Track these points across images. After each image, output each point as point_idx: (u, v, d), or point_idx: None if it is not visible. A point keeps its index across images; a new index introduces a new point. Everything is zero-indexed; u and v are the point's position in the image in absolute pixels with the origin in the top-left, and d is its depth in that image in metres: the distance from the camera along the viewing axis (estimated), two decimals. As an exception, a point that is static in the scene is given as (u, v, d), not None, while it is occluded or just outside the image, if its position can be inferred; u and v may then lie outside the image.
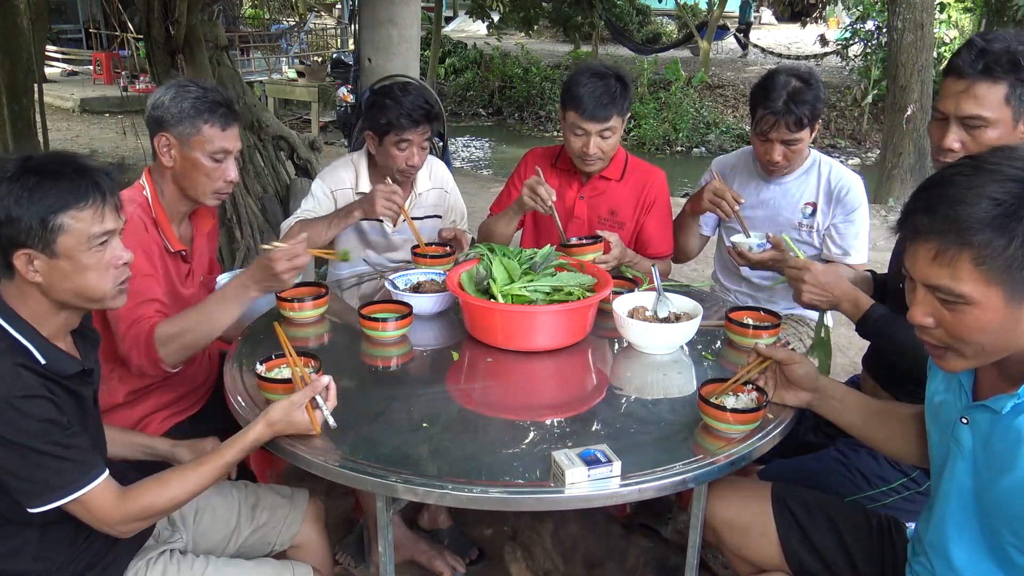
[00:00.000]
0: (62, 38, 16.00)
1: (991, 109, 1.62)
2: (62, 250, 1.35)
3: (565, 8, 13.79)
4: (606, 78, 2.38)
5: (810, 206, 2.48)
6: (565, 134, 2.48)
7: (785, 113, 2.27)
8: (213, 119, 1.91)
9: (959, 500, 1.28)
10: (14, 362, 1.32)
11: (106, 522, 1.39)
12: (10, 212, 1.31)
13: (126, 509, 1.39)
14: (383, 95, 2.50)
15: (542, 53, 16.94)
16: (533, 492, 1.39)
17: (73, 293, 1.39)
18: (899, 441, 1.55)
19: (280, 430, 1.50)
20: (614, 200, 2.57)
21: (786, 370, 1.61)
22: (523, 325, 1.90)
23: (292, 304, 2.07)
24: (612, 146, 2.46)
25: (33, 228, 1.32)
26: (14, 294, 1.39)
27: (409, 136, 2.47)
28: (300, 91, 11.36)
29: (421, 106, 2.46)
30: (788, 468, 1.94)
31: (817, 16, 19.91)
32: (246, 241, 4.57)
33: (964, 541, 1.29)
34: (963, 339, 1.15)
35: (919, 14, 7.00)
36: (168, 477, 1.45)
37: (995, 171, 1.10)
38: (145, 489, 1.42)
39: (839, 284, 1.85)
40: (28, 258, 1.34)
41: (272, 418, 1.49)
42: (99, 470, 1.38)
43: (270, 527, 1.78)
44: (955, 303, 1.13)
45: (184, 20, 4.24)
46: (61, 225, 1.33)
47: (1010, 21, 10.19)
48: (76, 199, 1.35)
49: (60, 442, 1.33)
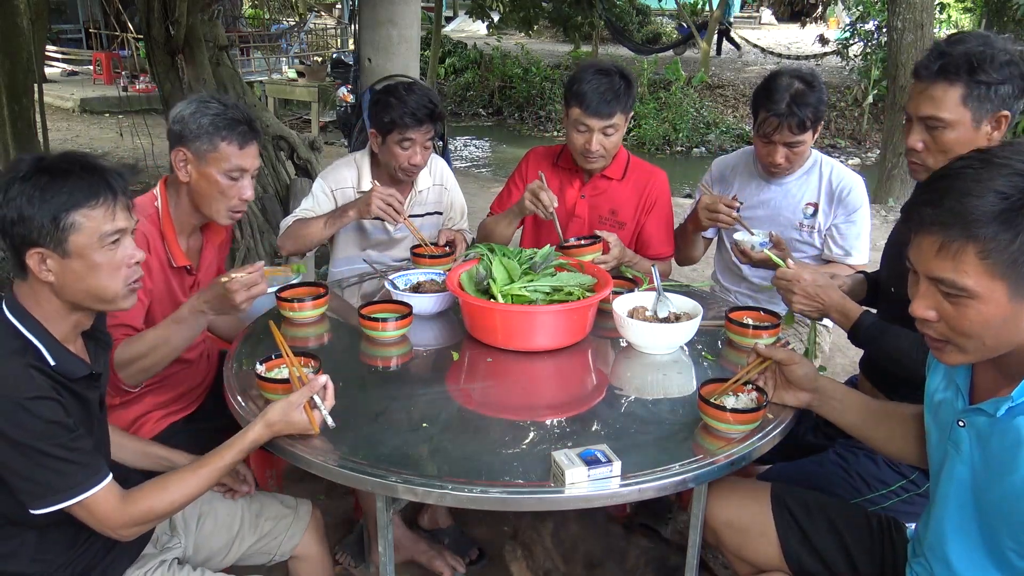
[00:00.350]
0: (62, 38, 15.99)
1: (948, 110, 1.65)
2: (74, 249, 1.35)
3: (565, 8, 13.79)
4: (611, 75, 2.39)
5: (811, 206, 2.48)
6: (568, 131, 2.48)
7: (788, 116, 2.27)
8: (231, 136, 1.90)
9: (957, 502, 1.28)
10: (26, 363, 1.33)
11: (108, 526, 1.39)
12: (22, 211, 1.32)
13: (128, 513, 1.39)
14: (388, 94, 2.51)
15: (542, 53, 16.93)
16: (533, 492, 1.39)
17: (85, 293, 1.39)
18: (899, 441, 1.55)
19: (279, 431, 1.50)
20: (615, 200, 2.57)
21: (786, 370, 1.61)
22: (523, 325, 1.90)
23: (292, 304, 2.07)
24: (615, 144, 2.46)
25: (45, 227, 1.33)
26: (27, 294, 1.40)
27: (412, 135, 2.47)
28: (300, 91, 11.35)
29: (425, 105, 2.46)
30: (788, 471, 1.94)
31: (817, 16, 19.91)
32: (246, 241, 4.57)
33: (962, 543, 1.28)
34: (965, 333, 1.14)
35: (919, 14, 7.00)
36: (167, 481, 1.45)
37: (1004, 165, 1.09)
38: (146, 493, 1.42)
39: (828, 293, 1.86)
40: (41, 257, 1.34)
41: (270, 419, 1.49)
42: (103, 474, 1.38)
43: (272, 537, 1.78)
44: (958, 296, 1.12)
45: (184, 20, 4.24)
46: (73, 223, 1.34)
47: (1010, 21, 10.20)
48: (87, 197, 1.35)
49: (66, 444, 1.33)
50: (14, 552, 1.42)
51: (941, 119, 1.66)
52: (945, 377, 1.36)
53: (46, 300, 1.39)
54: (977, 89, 1.62)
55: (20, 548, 1.42)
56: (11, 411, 1.28)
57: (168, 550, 1.66)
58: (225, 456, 1.49)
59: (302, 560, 1.82)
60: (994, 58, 1.61)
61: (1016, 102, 1.64)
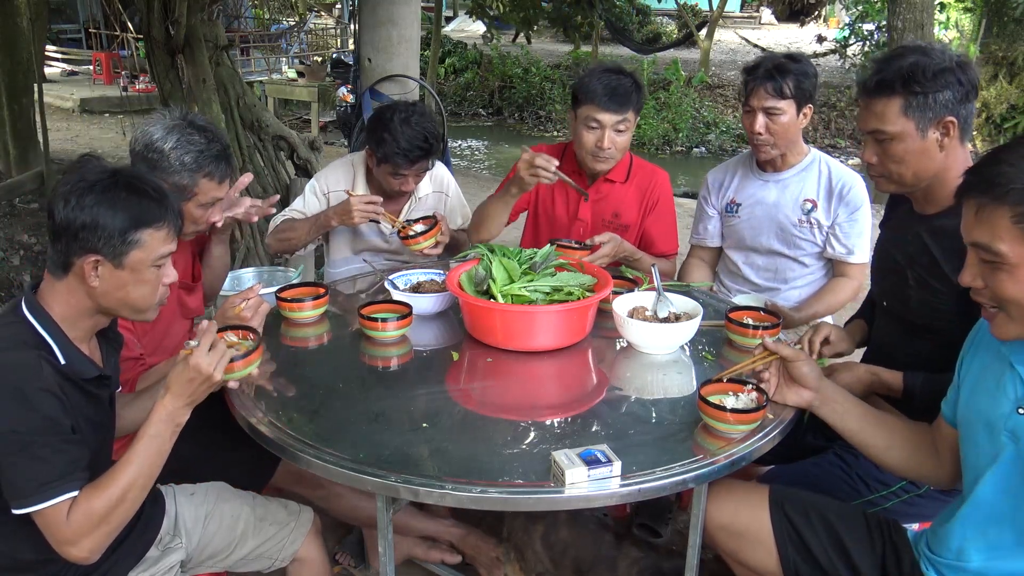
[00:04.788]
0: (62, 38, 15.97)
1: (891, 123, 1.69)
2: (129, 262, 1.42)
3: (565, 8, 13.78)
4: (621, 74, 2.41)
5: (810, 202, 2.48)
6: (577, 131, 2.46)
7: (765, 79, 2.32)
8: (215, 173, 1.90)
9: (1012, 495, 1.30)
10: (39, 355, 1.37)
11: (57, 539, 1.35)
12: (97, 219, 1.38)
13: (70, 523, 1.34)
14: (383, 125, 2.44)
15: (542, 53, 16.93)
16: (533, 492, 1.39)
17: (122, 302, 1.46)
18: (897, 452, 1.55)
19: (181, 392, 1.43)
20: (618, 202, 2.57)
21: (791, 367, 1.61)
22: (523, 325, 1.90)
23: (292, 304, 2.07)
24: (625, 143, 2.45)
25: (113, 237, 1.39)
26: (57, 291, 1.43)
27: (404, 171, 2.47)
28: (300, 91, 11.34)
29: (419, 146, 2.42)
30: (788, 473, 1.94)
31: (816, 16, 19.90)
32: (246, 241, 4.57)
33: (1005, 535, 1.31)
34: (1007, 299, 1.21)
35: (919, 14, 6.99)
36: (99, 480, 1.39)
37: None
38: (83, 497, 1.36)
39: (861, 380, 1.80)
40: (95, 264, 1.40)
41: (169, 384, 1.44)
42: (74, 486, 1.34)
43: (274, 542, 1.78)
44: (995, 263, 1.20)
45: (184, 20, 4.24)
46: (139, 240, 1.42)
47: (1010, 21, 10.19)
48: (155, 218, 1.44)
49: (53, 445, 1.33)
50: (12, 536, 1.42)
51: (886, 132, 1.70)
52: (991, 372, 1.36)
53: (77, 300, 1.44)
54: (915, 99, 1.66)
55: (15, 532, 1.40)
56: (12, 397, 1.31)
57: (171, 551, 1.66)
58: (142, 436, 1.42)
59: (303, 565, 1.83)
60: (928, 67, 1.64)
61: (961, 107, 1.66)
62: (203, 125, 1.93)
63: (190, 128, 1.89)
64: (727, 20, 18.55)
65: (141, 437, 1.42)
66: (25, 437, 1.31)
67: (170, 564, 1.65)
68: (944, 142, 1.68)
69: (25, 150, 6.48)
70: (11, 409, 1.31)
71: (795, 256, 2.54)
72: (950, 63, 1.66)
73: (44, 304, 1.44)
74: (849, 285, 2.52)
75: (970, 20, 11.05)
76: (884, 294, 1.94)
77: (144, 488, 1.43)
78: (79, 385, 1.42)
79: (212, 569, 1.77)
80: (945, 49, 1.71)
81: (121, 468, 1.39)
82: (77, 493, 1.35)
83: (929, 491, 1.77)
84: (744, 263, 2.64)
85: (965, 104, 1.67)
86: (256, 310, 1.85)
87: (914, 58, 1.66)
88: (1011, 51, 10.32)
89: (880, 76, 1.69)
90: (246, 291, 1.87)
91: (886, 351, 1.91)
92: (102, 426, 1.53)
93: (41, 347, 1.39)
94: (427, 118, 2.50)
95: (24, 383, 1.32)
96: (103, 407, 1.52)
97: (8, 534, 1.41)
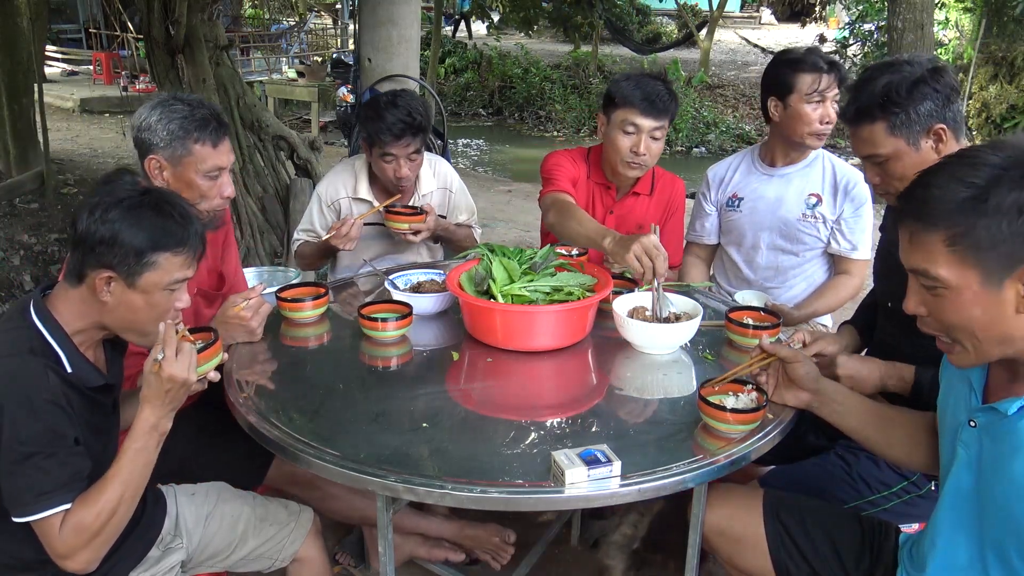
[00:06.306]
0: (62, 38, 15.96)
1: (881, 146, 1.69)
2: (142, 284, 1.40)
3: (565, 8, 13.78)
4: (659, 81, 2.37)
5: (814, 197, 2.50)
6: (611, 136, 2.40)
7: (830, 69, 2.35)
8: (204, 137, 1.87)
9: (956, 504, 1.28)
10: (45, 364, 1.36)
11: (52, 551, 1.35)
12: (118, 234, 1.36)
13: (63, 536, 1.34)
14: (370, 106, 2.52)
15: (542, 53, 16.93)
16: (533, 492, 1.39)
17: (127, 323, 1.44)
18: (900, 446, 1.55)
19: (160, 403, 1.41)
20: (643, 215, 2.57)
21: (789, 368, 1.61)
22: (523, 325, 1.90)
23: (292, 304, 2.07)
24: (658, 151, 2.42)
25: (129, 255, 1.37)
26: (67, 299, 1.42)
27: (392, 150, 2.49)
28: (300, 91, 11.34)
29: (402, 119, 2.44)
30: (789, 473, 1.94)
31: (816, 16, 19.90)
32: (246, 241, 4.57)
33: (962, 547, 1.28)
34: (951, 325, 1.18)
35: (919, 14, 6.99)
36: (88, 493, 1.38)
37: (973, 157, 1.13)
38: (74, 511, 1.35)
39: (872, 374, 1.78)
40: (107, 280, 1.38)
41: (146, 398, 1.42)
42: (68, 497, 1.34)
43: (275, 542, 1.78)
44: (935, 288, 1.16)
45: (184, 20, 4.24)
46: (154, 262, 1.39)
47: (1010, 21, 10.18)
48: (176, 243, 1.41)
49: (57, 457, 1.33)
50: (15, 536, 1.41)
51: (879, 155, 1.71)
52: (959, 380, 1.35)
53: (88, 310, 1.42)
54: (897, 118, 1.66)
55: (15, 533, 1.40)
56: (19, 406, 1.30)
57: (171, 551, 1.66)
58: (127, 449, 1.41)
59: (303, 565, 1.83)
60: (900, 85, 1.64)
61: (945, 111, 1.66)
62: (188, 98, 1.92)
63: (173, 100, 1.90)
64: (727, 20, 18.57)
65: (126, 450, 1.41)
66: (27, 448, 1.31)
67: (171, 564, 1.65)
68: (940, 148, 1.67)
69: (25, 150, 6.48)
70: (17, 417, 1.30)
71: (796, 252, 2.54)
72: (921, 73, 1.65)
73: (54, 309, 1.42)
74: (850, 283, 2.52)
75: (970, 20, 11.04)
76: (887, 295, 1.94)
77: (134, 498, 1.42)
78: (84, 393, 1.42)
79: (212, 569, 1.77)
80: (913, 59, 1.70)
81: (109, 482, 1.38)
82: (70, 506, 1.34)
83: (930, 491, 1.77)
84: (743, 260, 2.64)
85: (949, 107, 1.66)
86: (257, 310, 1.84)
87: (885, 79, 1.66)
88: (1011, 51, 10.31)
89: (857, 105, 1.70)
90: (247, 291, 1.86)
91: (888, 352, 1.91)
92: (105, 432, 1.52)
93: (48, 355, 1.38)
94: (412, 97, 2.56)
95: (31, 392, 1.31)
96: (107, 413, 1.52)
97: (11, 535, 1.41)
